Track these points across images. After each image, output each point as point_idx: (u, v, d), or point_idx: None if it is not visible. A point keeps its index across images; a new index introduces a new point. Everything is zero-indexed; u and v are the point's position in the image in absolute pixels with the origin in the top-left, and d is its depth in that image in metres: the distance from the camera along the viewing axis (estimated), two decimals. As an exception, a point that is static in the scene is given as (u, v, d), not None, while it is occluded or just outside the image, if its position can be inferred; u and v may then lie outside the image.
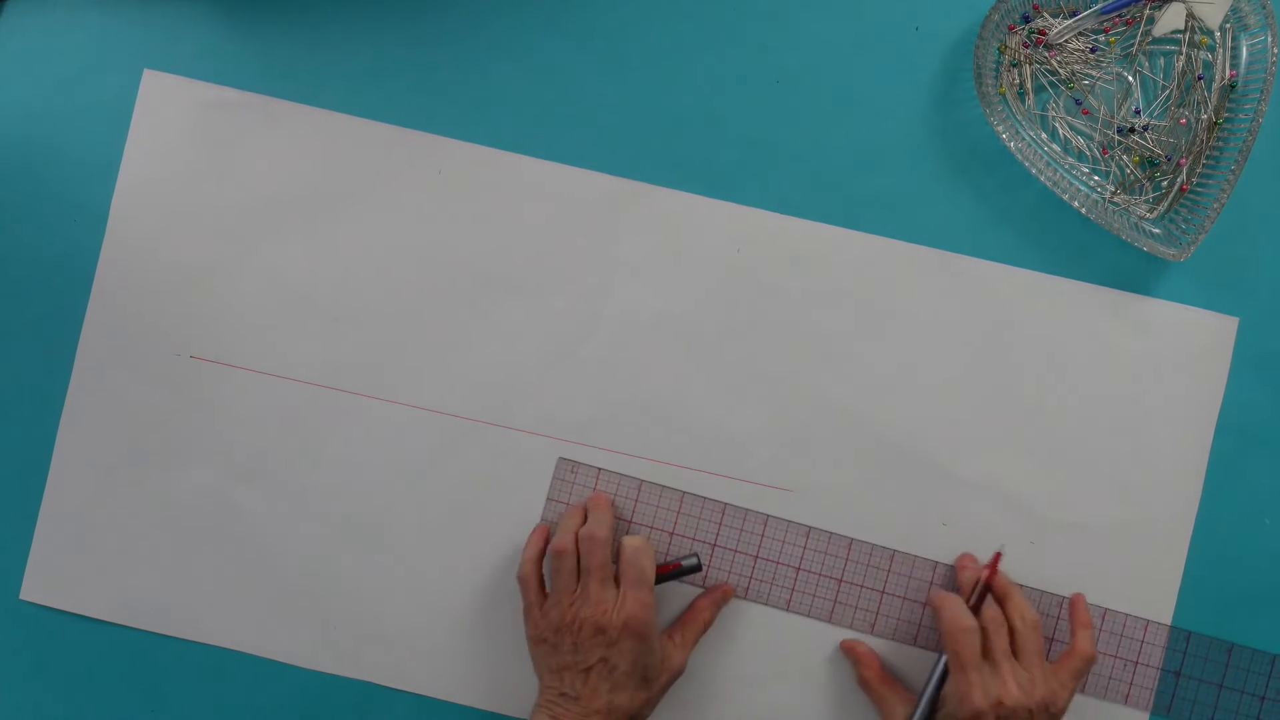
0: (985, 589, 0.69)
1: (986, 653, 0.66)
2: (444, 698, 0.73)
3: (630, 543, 0.69)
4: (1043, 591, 0.72)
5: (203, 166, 0.74)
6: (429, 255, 0.74)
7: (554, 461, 0.73)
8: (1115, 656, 0.72)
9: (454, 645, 0.73)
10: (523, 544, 0.73)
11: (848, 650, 0.72)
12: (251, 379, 0.74)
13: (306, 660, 0.74)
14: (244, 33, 0.75)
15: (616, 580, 0.68)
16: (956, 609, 0.67)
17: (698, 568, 0.71)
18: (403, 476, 0.74)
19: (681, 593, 0.73)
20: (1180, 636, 0.72)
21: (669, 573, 0.71)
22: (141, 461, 0.74)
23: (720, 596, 0.72)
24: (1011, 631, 0.67)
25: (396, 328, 0.74)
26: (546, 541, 0.71)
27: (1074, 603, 0.71)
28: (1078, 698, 0.71)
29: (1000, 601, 0.69)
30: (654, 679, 0.67)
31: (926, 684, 0.69)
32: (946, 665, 0.67)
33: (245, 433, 0.74)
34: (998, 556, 0.70)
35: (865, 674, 0.71)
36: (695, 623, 0.71)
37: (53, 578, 0.74)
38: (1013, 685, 0.65)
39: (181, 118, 0.74)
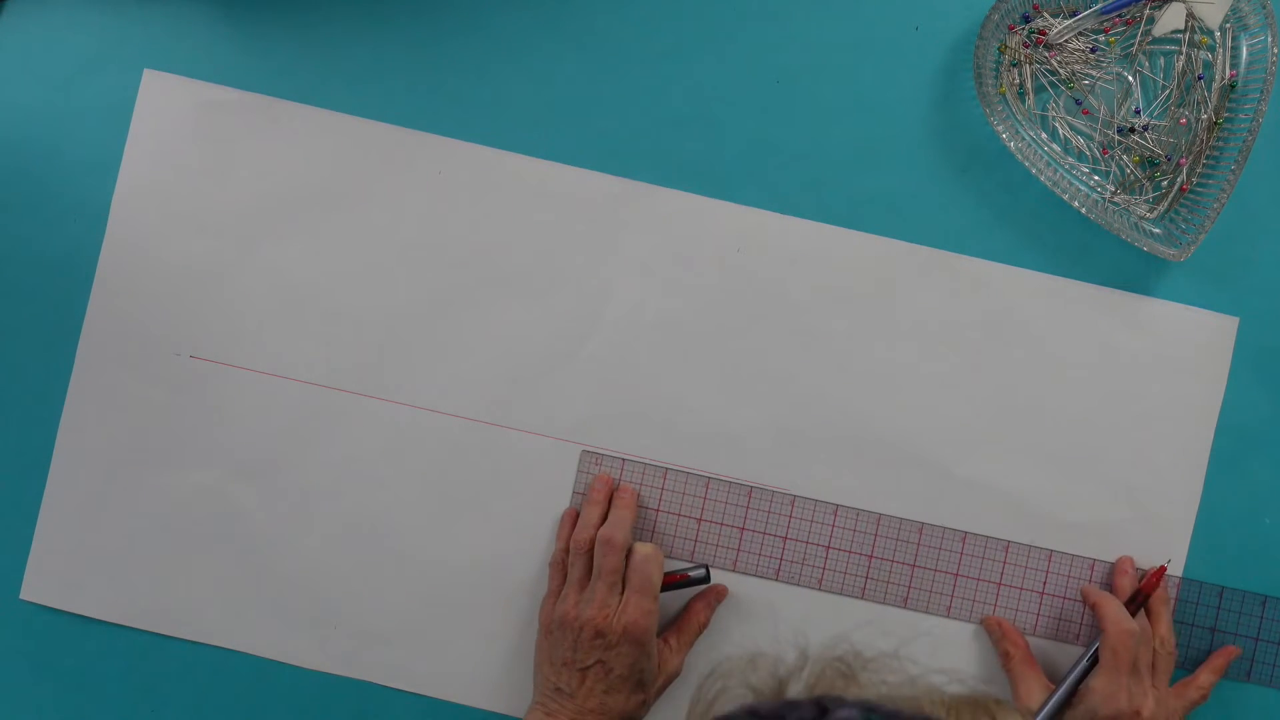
0: (1144, 599, 0.69)
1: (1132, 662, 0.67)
2: (444, 698, 0.73)
3: (641, 550, 0.69)
4: (1043, 592, 0.72)
5: (203, 166, 0.74)
6: (429, 255, 0.74)
7: (551, 462, 0.73)
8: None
9: (454, 645, 0.73)
10: (521, 543, 0.73)
11: (994, 626, 0.71)
12: (251, 379, 0.74)
13: (306, 660, 0.74)
14: (244, 33, 0.75)
15: (624, 584, 0.68)
16: (1119, 611, 0.68)
17: (705, 579, 0.71)
18: (402, 476, 0.74)
19: (677, 595, 0.72)
20: (1182, 633, 0.72)
21: (676, 582, 0.71)
22: (141, 461, 0.74)
23: (714, 597, 0.72)
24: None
25: (397, 328, 0.74)
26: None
27: (1226, 651, 0.71)
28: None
29: (1151, 617, 0.69)
30: (649, 683, 0.67)
31: (1069, 673, 0.68)
32: (1091, 661, 0.67)
33: (245, 433, 0.74)
34: (1162, 570, 0.70)
35: (1012, 651, 0.70)
36: (691, 625, 0.71)
37: (53, 578, 0.74)
38: (1152, 699, 0.66)
39: (181, 118, 0.74)
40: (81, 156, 0.75)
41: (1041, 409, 0.73)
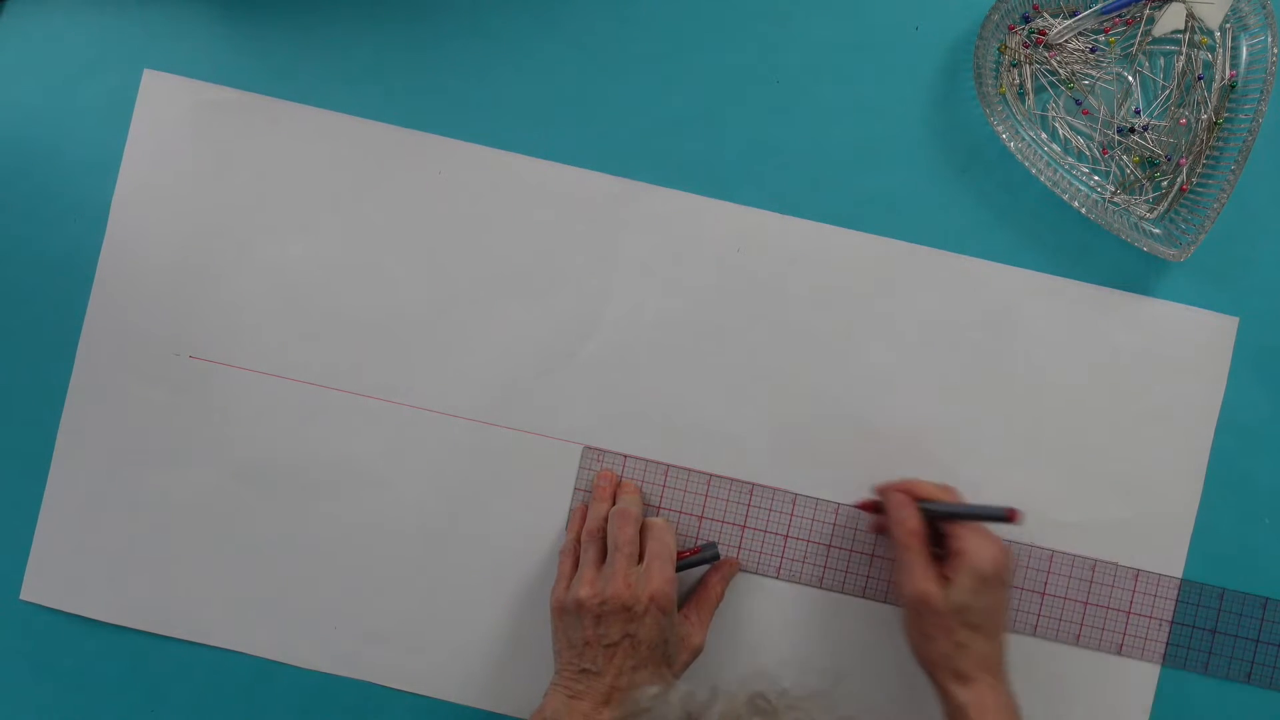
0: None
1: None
2: (444, 698, 0.73)
3: (654, 522, 0.70)
4: (1045, 592, 0.72)
5: (203, 166, 0.74)
6: (429, 255, 0.74)
7: (552, 462, 0.73)
8: (1118, 655, 0.72)
9: (453, 645, 0.73)
10: (522, 543, 0.73)
11: (901, 502, 0.67)
12: (251, 379, 0.74)
13: (306, 660, 0.74)
14: (244, 33, 0.75)
15: (641, 559, 0.68)
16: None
17: (716, 557, 0.71)
18: (402, 476, 0.74)
19: (690, 572, 0.72)
20: (1182, 635, 0.72)
21: (688, 558, 0.71)
22: (141, 461, 0.74)
23: (729, 571, 0.72)
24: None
25: (396, 328, 0.74)
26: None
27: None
28: (1090, 665, 0.71)
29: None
30: (674, 657, 0.67)
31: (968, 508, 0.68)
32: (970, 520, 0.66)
33: (245, 433, 0.74)
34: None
35: (912, 541, 0.66)
36: (709, 599, 0.71)
37: (53, 578, 0.74)
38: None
39: (181, 118, 0.74)
40: (81, 156, 0.75)
41: (1041, 409, 0.73)
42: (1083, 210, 0.71)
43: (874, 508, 0.71)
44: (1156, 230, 0.72)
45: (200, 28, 0.75)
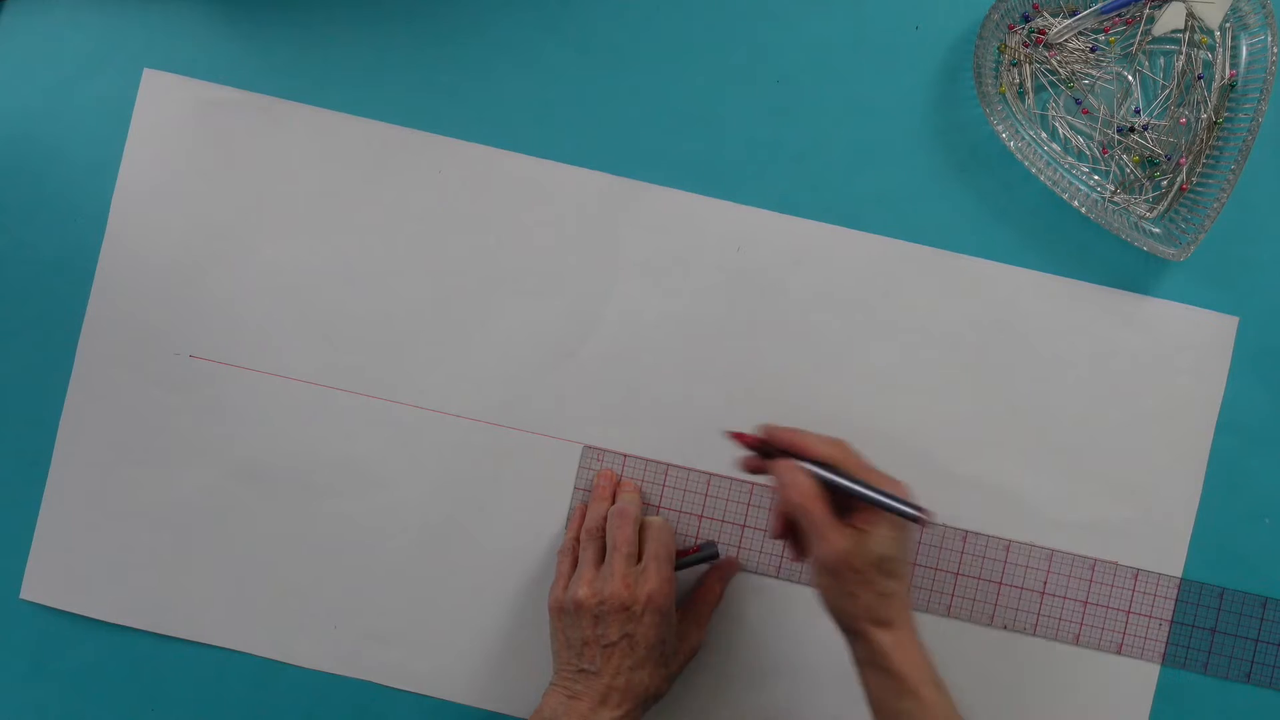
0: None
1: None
2: (444, 697, 0.73)
3: (653, 521, 0.70)
4: (1044, 592, 0.72)
5: (203, 166, 0.74)
6: (429, 255, 0.74)
7: (552, 461, 0.73)
8: (1118, 654, 0.72)
9: (453, 645, 0.74)
10: (522, 542, 0.73)
11: (789, 472, 0.62)
12: (251, 379, 0.74)
13: (306, 660, 0.74)
14: (244, 33, 0.75)
15: (640, 559, 0.68)
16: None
17: (715, 556, 0.71)
18: (402, 476, 0.74)
19: (689, 572, 0.73)
20: (1182, 634, 0.72)
21: (687, 558, 0.71)
22: (141, 461, 0.74)
23: (729, 571, 0.72)
24: None
25: (396, 328, 0.74)
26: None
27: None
28: (1090, 665, 0.71)
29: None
30: (672, 656, 0.68)
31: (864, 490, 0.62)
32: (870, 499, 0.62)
33: (245, 433, 0.74)
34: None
35: (817, 508, 0.61)
36: (708, 599, 0.71)
37: (53, 578, 0.74)
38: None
39: (181, 117, 0.74)
40: (81, 156, 0.75)
41: (1042, 409, 0.73)
42: (1083, 210, 0.71)
43: (752, 445, 0.64)
44: (1156, 230, 0.72)
45: (200, 27, 0.75)
